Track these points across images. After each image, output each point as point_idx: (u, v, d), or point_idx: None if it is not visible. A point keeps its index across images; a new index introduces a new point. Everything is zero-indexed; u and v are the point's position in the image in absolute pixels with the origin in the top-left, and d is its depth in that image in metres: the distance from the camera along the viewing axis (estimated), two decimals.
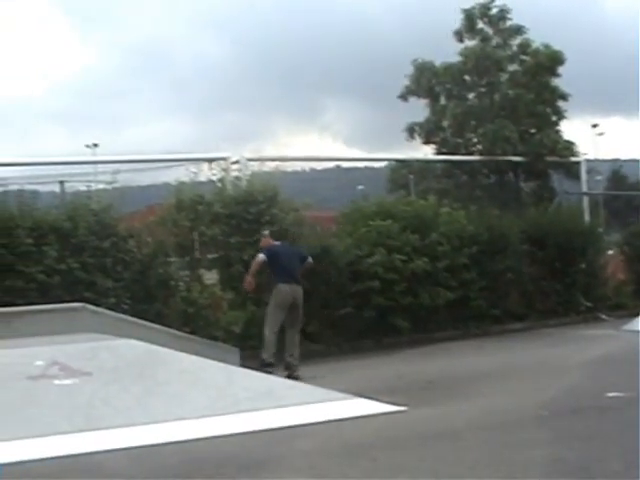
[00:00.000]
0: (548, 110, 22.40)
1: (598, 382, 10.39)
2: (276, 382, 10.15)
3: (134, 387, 8.91)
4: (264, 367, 12.08)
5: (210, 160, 16.70)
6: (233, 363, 11.52)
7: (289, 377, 12.05)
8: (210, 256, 15.73)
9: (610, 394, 9.24)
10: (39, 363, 9.12)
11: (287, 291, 12.86)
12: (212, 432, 7.73)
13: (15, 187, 14.70)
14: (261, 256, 13.06)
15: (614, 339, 15.36)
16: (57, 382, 8.76)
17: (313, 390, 9.82)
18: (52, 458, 6.82)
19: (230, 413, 8.35)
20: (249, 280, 13.12)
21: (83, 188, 15.48)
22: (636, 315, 17.11)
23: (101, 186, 15.42)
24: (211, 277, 15.62)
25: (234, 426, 7.95)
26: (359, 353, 15.05)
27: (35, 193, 15.05)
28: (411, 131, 23.00)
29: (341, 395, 9.53)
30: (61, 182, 15.99)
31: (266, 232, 13.96)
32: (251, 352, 13.37)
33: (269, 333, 12.71)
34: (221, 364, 10.51)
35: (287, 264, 13.08)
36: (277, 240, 13.84)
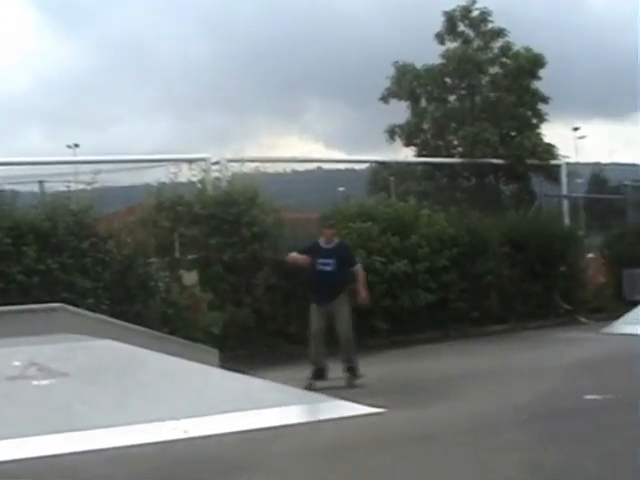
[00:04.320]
0: (529, 113, 22.45)
1: (576, 385, 10.44)
2: (255, 384, 10.10)
3: (113, 388, 8.88)
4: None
5: (190, 161, 16.60)
6: (212, 364, 11.46)
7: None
8: (190, 257, 15.66)
9: (588, 397, 9.29)
10: (17, 364, 9.06)
11: None
12: (191, 433, 7.73)
13: None
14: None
15: (593, 342, 15.42)
16: (35, 383, 8.71)
17: (292, 391, 9.81)
18: (30, 459, 6.80)
19: (209, 414, 8.33)
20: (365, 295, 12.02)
21: (63, 188, 15.37)
22: (615, 318, 17.16)
23: (81, 186, 15.32)
24: (191, 278, 15.56)
25: (213, 427, 7.95)
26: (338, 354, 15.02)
27: (14, 193, 14.97)
28: (392, 133, 22.98)
29: (320, 397, 9.53)
30: (40, 182, 15.87)
31: (332, 221, 13.11)
32: (230, 353, 13.32)
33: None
34: (200, 365, 10.48)
35: None
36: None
